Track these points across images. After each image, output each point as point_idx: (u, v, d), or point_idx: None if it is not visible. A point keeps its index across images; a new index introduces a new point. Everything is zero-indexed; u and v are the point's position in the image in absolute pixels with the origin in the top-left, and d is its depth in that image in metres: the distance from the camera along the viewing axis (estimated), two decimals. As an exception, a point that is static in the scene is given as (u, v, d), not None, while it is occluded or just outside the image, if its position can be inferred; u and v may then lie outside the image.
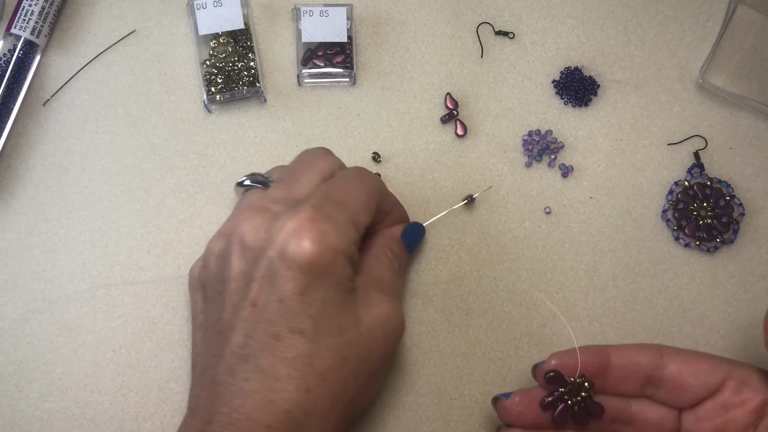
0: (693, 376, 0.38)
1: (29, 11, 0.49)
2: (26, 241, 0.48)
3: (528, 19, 0.53)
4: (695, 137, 0.52)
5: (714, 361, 0.39)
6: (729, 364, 0.38)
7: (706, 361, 0.38)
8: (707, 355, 0.39)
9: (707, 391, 0.38)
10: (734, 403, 0.37)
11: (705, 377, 0.38)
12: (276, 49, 0.52)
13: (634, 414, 0.41)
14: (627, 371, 0.40)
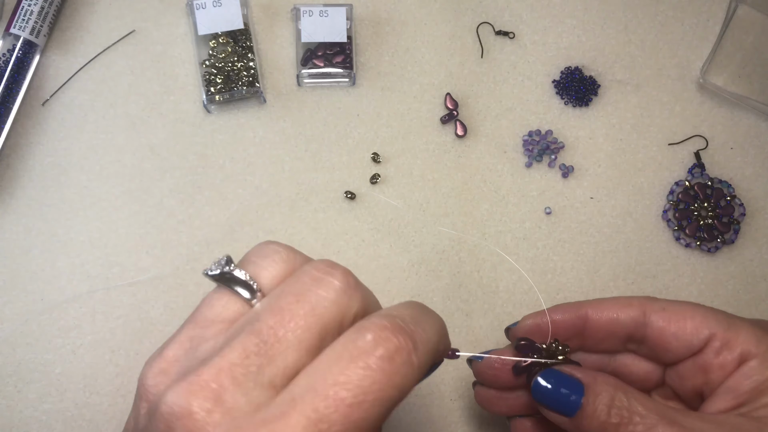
0: (675, 337, 0.36)
1: (28, 11, 0.49)
2: (25, 241, 0.48)
3: (528, 19, 0.53)
4: (696, 137, 0.52)
5: (701, 319, 0.36)
6: (717, 323, 0.35)
7: (691, 320, 0.36)
8: (697, 310, 0.36)
9: (689, 351, 0.36)
10: (713, 366, 0.35)
11: (687, 338, 0.36)
12: (275, 49, 0.52)
13: (617, 368, 0.39)
14: (607, 331, 0.38)
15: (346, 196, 0.50)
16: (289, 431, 0.24)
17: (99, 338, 0.46)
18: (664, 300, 0.37)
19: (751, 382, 0.33)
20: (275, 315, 0.27)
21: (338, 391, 0.25)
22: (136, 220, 0.48)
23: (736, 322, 0.35)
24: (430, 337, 0.29)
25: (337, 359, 0.26)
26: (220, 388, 0.26)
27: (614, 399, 0.34)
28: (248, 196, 0.49)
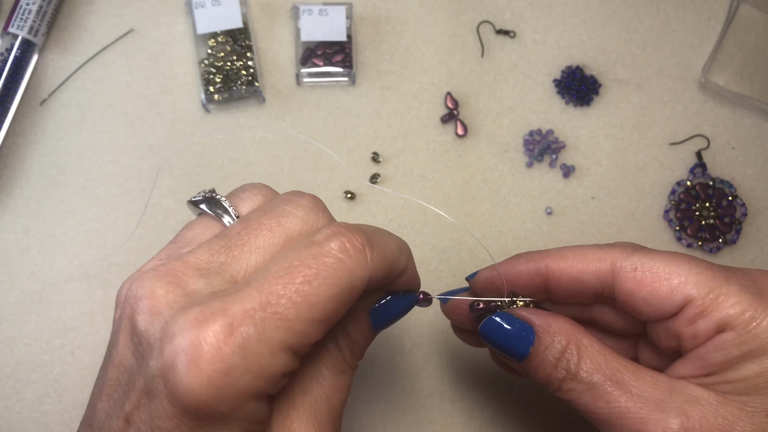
0: (644, 302, 0.32)
1: (27, 10, 0.48)
2: (23, 241, 0.47)
3: (529, 18, 0.53)
4: (697, 137, 0.52)
5: (679, 281, 0.31)
6: (697, 287, 0.31)
7: (667, 282, 0.31)
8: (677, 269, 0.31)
9: (660, 316, 0.32)
10: (685, 334, 0.31)
11: (659, 303, 0.31)
12: (275, 48, 0.52)
13: (593, 316, 0.36)
14: (569, 290, 0.34)
15: (346, 196, 0.49)
16: (240, 304, 0.26)
17: (98, 339, 0.46)
18: (640, 253, 0.32)
19: (722, 355, 0.30)
20: (243, 223, 0.30)
21: (291, 271, 0.27)
22: (135, 220, 0.48)
23: (721, 286, 0.30)
24: (387, 244, 0.30)
25: (293, 250, 0.28)
26: (184, 275, 0.28)
27: (565, 351, 0.32)
28: (247, 196, 0.49)
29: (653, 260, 0.32)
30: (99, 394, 0.29)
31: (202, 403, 0.25)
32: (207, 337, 0.25)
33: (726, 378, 0.30)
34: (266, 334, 0.26)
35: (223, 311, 0.26)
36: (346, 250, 0.28)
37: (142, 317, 0.27)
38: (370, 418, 0.46)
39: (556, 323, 0.33)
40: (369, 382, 0.47)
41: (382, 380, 0.47)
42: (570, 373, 0.32)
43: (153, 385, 0.26)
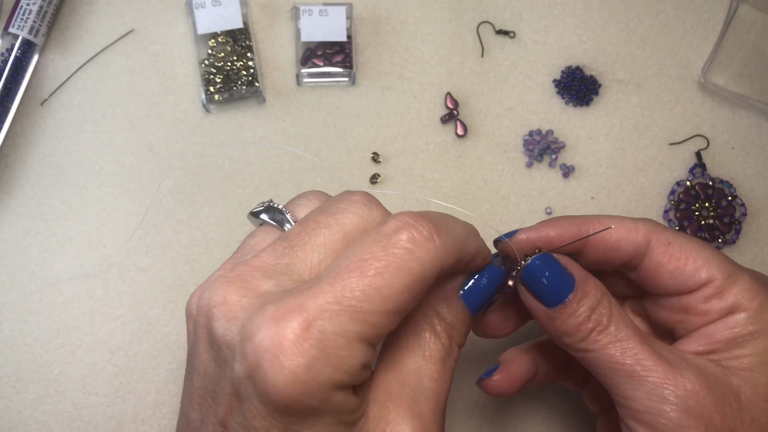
0: (671, 275, 0.34)
1: (27, 10, 0.48)
2: (24, 241, 0.47)
3: (529, 18, 0.53)
4: (697, 137, 0.52)
5: (703, 261, 0.33)
6: (718, 269, 0.33)
7: (693, 261, 0.33)
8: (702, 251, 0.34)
9: (680, 290, 0.34)
10: (698, 310, 0.33)
11: (684, 278, 0.34)
12: (275, 48, 0.52)
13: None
14: (605, 256, 0.35)
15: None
16: (314, 299, 0.27)
17: (98, 339, 0.46)
18: (671, 231, 0.35)
19: (730, 333, 0.33)
20: (301, 224, 0.31)
21: (362, 265, 0.27)
22: (135, 221, 0.48)
23: (737, 273, 0.33)
24: (454, 228, 0.31)
25: (361, 243, 0.29)
26: (253, 279, 0.29)
27: (599, 305, 0.33)
28: (247, 196, 0.49)
29: (681, 239, 0.34)
30: (190, 404, 0.30)
31: (289, 398, 0.26)
32: (286, 333, 0.26)
33: (733, 354, 0.32)
34: (342, 327, 0.26)
35: (298, 308, 0.26)
36: (414, 240, 0.28)
37: (219, 324, 0.28)
38: (370, 417, 0.46)
39: (592, 278, 0.34)
40: (369, 381, 0.47)
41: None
42: (601, 325, 0.33)
43: (241, 387, 0.27)
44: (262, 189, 0.49)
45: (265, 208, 0.34)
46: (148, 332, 0.47)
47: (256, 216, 0.34)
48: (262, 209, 0.34)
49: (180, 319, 0.47)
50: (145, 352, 0.46)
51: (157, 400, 0.46)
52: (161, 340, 0.47)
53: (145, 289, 0.47)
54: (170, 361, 0.46)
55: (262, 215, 0.34)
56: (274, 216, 0.34)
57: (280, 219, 0.33)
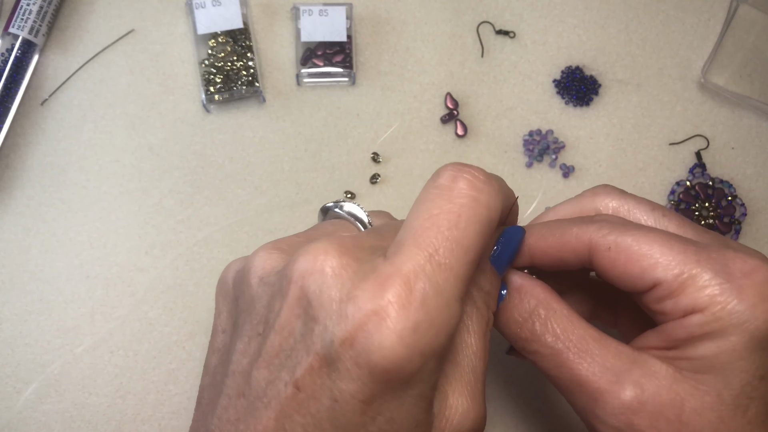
0: (618, 279, 0.32)
1: (27, 10, 0.48)
2: (24, 241, 0.47)
3: (529, 18, 0.53)
4: (697, 137, 0.52)
5: (650, 262, 0.31)
6: (666, 269, 0.30)
7: (638, 263, 0.31)
8: (649, 249, 0.31)
9: (632, 291, 0.32)
10: (653, 311, 0.32)
11: (631, 282, 0.32)
12: (275, 48, 0.52)
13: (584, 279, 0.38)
14: (552, 265, 0.35)
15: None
16: (408, 262, 0.27)
17: (98, 339, 0.46)
18: (618, 230, 0.32)
19: (685, 332, 0.30)
20: (386, 224, 0.34)
21: (435, 221, 0.28)
22: (135, 220, 0.48)
23: (693, 269, 0.30)
24: (495, 176, 0.31)
25: (424, 201, 0.29)
26: (351, 247, 0.28)
27: (532, 313, 0.33)
28: (247, 196, 0.49)
29: (628, 239, 0.31)
30: (255, 362, 0.29)
31: (392, 362, 0.25)
32: (391, 297, 0.26)
33: (685, 354, 0.30)
34: (439, 287, 0.26)
35: (397, 272, 0.26)
36: (475, 186, 0.29)
37: (314, 286, 0.27)
38: (370, 417, 0.46)
39: (530, 286, 0.34)
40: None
41: (382, 380, 0.47)
42: (535, 335, 0.33)
43: (333, 348, 0.26)
44: (262, 189, 0.49)
45: (342, 204, 0.35)
46: (148, 332, 0.47)
47: (328, 211, 0.35)
48: (340, 204, 0.35)
49: (180, 319, 0.47)
50: (145, 353, 0.46)
51: (157, 400, 0.46)
52: (161, 340, 0.47)
53: (145, 289, 0.47)
54: (170, 361, 0.46)
55: (339, 209, 0.34)
56: (355, 214, 0.34)
57: (362, 219, 0.34)
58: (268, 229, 0.49)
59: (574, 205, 0.37)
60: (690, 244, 0.31)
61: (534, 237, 0.34)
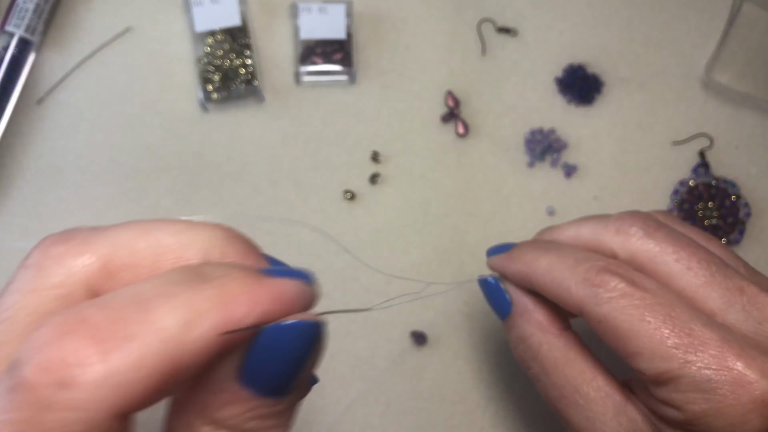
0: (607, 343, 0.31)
1: (24, 8, 0.48)
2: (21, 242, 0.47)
3: (531, 16, 0.53)
4: (700, 136, 0.51)
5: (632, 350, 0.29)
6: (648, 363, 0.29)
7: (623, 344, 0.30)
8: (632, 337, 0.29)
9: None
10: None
11: (617, 352, 0.31)
12: (274, 46, 0.51)
13: None
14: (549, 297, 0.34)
15: (346, 196, 0.49)
16: None
17: (95, 340, 0.46)
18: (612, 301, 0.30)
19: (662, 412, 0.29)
20: None
21: None
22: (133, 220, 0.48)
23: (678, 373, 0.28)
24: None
25: None
26: None
27: (526, 339, 0.35)
28: (246, 195, 0.49)
29: (621, 318, 0.29)
30: None
31: None
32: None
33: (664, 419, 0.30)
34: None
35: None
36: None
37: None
38: (370, 420, 0.46)
39: (533, 312, 0.35)
40: (368, 383, 0.46)
41: (381, 382, 0.46)
42: (525, 362, 0.35)
43: None
44: (260, 188, 0.49)
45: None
46: (145, 333, 0.46)
47: None
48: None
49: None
50: (142, 354, 0.46)
51: (155, 402, 0.45)
52: (159, 342, 0.46)
53: (142, 290, 0.47)
54: (168, 363, 0.46)
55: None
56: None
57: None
58: (267, 229, 0.48)
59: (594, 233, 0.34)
60: (686, 338, 0.28)
61: (537, 274, 0.33)
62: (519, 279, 0.35)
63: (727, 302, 0.29)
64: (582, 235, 0.35)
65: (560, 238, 0.36)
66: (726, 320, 0.29)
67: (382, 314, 0.47)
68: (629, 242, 0.32)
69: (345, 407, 0.46)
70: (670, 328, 0.28)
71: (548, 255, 0.33)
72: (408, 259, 0.48)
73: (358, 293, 0.48)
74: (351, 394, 0.46)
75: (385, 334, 0.47)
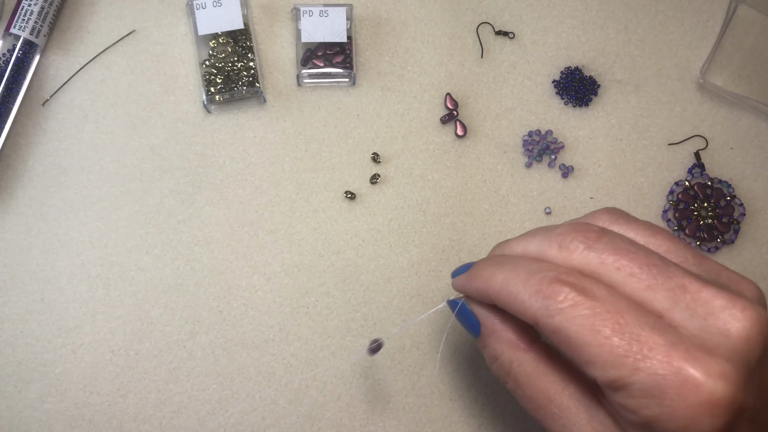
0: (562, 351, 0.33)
1: (28, 11, 0.49)
2: (25, 241, 0.48)
3: (528, 19, 0.53)
4: (696, 137, 0.52)
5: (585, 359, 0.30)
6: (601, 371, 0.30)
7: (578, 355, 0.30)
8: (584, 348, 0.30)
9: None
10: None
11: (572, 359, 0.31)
12: (275, 49, 0.52)
13: None
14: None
15: (346, 196, 0.49)
16: None
17: (99, 338, 0.46)
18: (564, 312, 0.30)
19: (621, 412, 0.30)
20: None
21: None
22: (136, 220, 0.48)
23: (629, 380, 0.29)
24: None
25: None
26: None
27: (499, 356, 0.36)
28: (248, 196, 0.49)
29: (572, 329, 0.30)
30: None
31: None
32: None
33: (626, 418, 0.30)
34: None
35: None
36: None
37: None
38: (370, 416, 0.46)
39: (501, 332, 0.36)
40: (369, 380, 0.47)
41: (381, 379, 0.47)
42: (501, 377, 0.36)
43: None
44: (262, 189, 0.49)
45: None
46: (149, 332, 0.47)
47: None
48: None
49: (181, 318, 0.47)
50: (146, 352, 0.46)
51: (159, 399, 0.46)
52: (162, 340, 0.47)
53: (146, 289, 0.47)
54: (171, 361, 0.46)
55: None
56: None
57: None
58: (269, 229, 0.49)
59: (539, 249, 0.34)
60: (635, 344, 0.28)
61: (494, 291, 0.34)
62: (480, 297, 0.35)
63: (672, 302, 0.29)
64: (529, 251, 0.34)
65: (511, 253, 0.36)
66: (673, 320, 0.29)
67: (381, 314, 0.48)
68: (571, 257, 0.32)
69: (345, 403, 0.47)
70: (619, 336, 0.28)
71: (503, 269, 0.34)
72: (407, 258, 0.49)
73: (359, 292, 0.48)
74: (351, 391, 0.47)
75: (384, 332, 0.48)
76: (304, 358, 0.47)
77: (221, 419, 0.46)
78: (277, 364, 0.47)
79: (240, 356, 0.47)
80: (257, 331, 0.47)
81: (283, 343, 0.47)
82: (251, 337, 0.47)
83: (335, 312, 0.48)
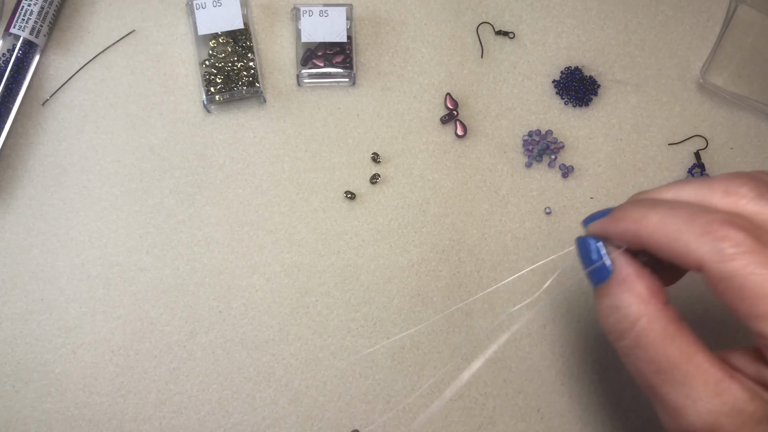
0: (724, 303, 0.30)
1: (28, 11, 0.49)
2: (25, 241, 0.48)
3: (528, 19, 0.53)
4: (696, 137, 0.52)
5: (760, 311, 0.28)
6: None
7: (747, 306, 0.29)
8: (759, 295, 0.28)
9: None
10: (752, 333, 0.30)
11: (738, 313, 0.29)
12: (275, 49, 0.52)
13: None
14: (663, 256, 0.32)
15: (346, 196, 0.50)
16: None
17: (99, 338, 0.46)
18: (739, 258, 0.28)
19: None
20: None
21: None
22: (136, 220, 0.48)
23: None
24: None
25: None
26: None
27: (626, 306, 0.31)
28: (248, 196, 0.49)
29: (749, 278, 0.28)
30: None
31: None
32: None
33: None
34: None
35: None
36: None
37: None
38: (370, 416, 0.46)
39: (635, 283, 0.32)
40: (369, 380, 0.47)
41: (381, 379, 0.47)
42: (625, 327, 0.31)
43: None
44: (262, 189, 0.49)
45: None
46: (149, 332, 0.47)
47: None
48: None
49: (181, 318, 0.47)
50: (146, 352, 0.46)
51: (159, 399, 0.46)
52: (162, 340, 0.47)
53: (146, 289, 0.47)
54: (171, 361, 0.46)
55: None
56: None
57: None
58: (269, 228, 0.49)
59: (697, 195, 0.32)
60: None
61: (650, 230, 0.31)
62: (627, 239, 0.32)
63: None
64: (683, 197, 0.31)
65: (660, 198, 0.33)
66: None
67: (381, 314, 0.48)
68: (739, 204, 0.29)
69: (345, 403, 0.47)
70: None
71: (657, 210, 0.30)
72: (407, 258, 0.49)
73: (359, 292, 0.48)
74: (351, 391, 0.47)
75: (384, 332, 0.48)
76: (304, 358, 0.47)
77: (222, 421, 0.46)
78: (277, 364, 0.47)
79: (240, 356, 0.47)
80: (257, 331, 0.47)
81: (283, 343, 0.47)
82: (251, 337, 0.47)
83: (335, 312, 0.48)
